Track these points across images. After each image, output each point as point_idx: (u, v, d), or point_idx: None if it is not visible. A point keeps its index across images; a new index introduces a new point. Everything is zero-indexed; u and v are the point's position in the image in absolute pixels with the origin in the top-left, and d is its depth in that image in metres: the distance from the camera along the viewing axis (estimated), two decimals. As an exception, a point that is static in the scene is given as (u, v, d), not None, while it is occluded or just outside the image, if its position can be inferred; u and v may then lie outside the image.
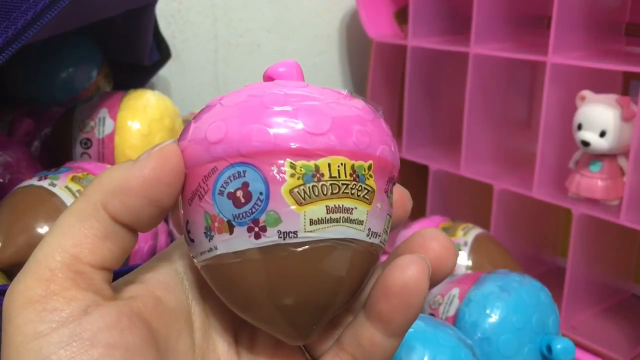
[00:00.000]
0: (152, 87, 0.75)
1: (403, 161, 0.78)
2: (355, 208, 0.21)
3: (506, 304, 0.44)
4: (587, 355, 0.59)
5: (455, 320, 0.45)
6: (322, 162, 0.20)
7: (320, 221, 0.20)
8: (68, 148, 0.49)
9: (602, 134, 0.55)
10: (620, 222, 0.55)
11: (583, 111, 0.56)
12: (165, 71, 0.73)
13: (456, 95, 0.71)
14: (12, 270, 0.38)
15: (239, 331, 0.24)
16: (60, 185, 0.41)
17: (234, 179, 0.20)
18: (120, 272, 0.40)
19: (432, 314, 0.47)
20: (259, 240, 0.20)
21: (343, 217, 0.20)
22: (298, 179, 0.20)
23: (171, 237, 0.50)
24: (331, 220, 0.20)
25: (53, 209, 0.40)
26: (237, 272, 0.21)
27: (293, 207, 0.20)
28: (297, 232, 0.20)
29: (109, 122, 0.48)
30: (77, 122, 0.49)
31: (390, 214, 0.23)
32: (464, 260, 0.57)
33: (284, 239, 0.20)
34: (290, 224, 0.20)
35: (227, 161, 0.20)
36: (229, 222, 0.20)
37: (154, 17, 0.60)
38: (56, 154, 0.50)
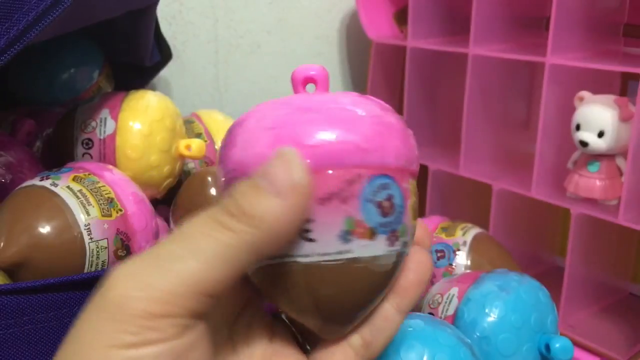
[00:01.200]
0: (153, 88, 0.75)
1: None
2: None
3: (505, 303, 0.44)
4: (585, 354, 0.59)
5: (454, 319, 0.45)
6: (414, 183, 0.24)
7: (414, 235, 0.24)
8: (69, 148, 0.49)
9: (601, 135, 0.55)
10: (619, 222, 0.55)
11: (581, 111, 0.57)
12: (166, 72, 0.73)
13: (455, 95, 0.71)
14: (13, 269, 0.39)
15: (233, 329, 0.25)
16: (62, 185, 0.41)
17: (382, 189, 0.22)
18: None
19: (431, 313, 0.47)
20: (392, 248, 0.22)
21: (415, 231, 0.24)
22: (414, 195, 0.23)
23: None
24: (414, 235, 0.24)
25: (54, 208, 0.40)
26: (350, 274, 0.22)
27: (412, 221, 0.23)
28: (407, 242, 0.23)
29: (110, 123, 0.48)
30: (78, 123, 0.49)
31: None
32: (463, 259, 0.57)
33: (403, 248, 0.23)
34: (408, 235, 0.23)
35: (376, 171, 0.22)
36: (372, 229, 0.22)
37: (154, 18, 0.60)
38: (58, 154, 0.50)
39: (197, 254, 0.19)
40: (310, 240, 0.21)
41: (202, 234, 0.20)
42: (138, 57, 0.63)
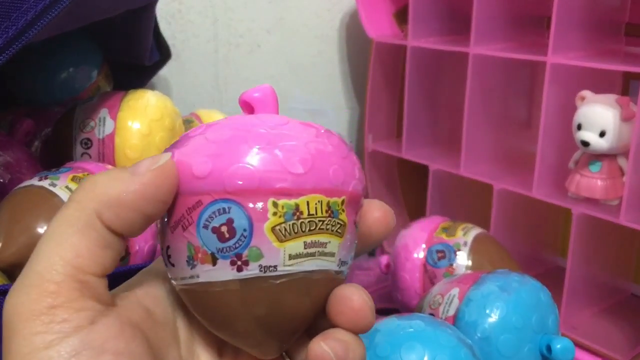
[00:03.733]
0: (153, 87, 0.75)
1: (403, 161, 0.78)
2: (329, 242, 0.22)
3: (506, 304, 0.44)
4: (586, 355, 0.59)
5: (455, 320, 0.45)
6: (301, 201, 0.21)
7: (298, 256, 0.22)
8: (68, 148, 0.49)
9: (602, 134, 0.55)
10: (620, 222, 0.55)
11: (583, 111, 0.57)
12: (165, 71, 0.73)
13: (456, 95, 0.71)
14: (12, 270, 0.38)
15: (223, 345, 0.25)
16: (61, 185, 0.41)
17: (219, 215, 0.21)
18: (121, 273, 0.40)
19: (432, 314, 0.47)
20: (241, 273, 0.21)
21: (318, 251, 0.22)
22: (280, 217, 0.21)
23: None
24: (308, 255, 0.22)
25: (53, 209, 0.40)
26: (216, 299, 0.22)
27: (274, 243, 0.21)
28: (276, 266, 0.21)
29: (109, 122, 0.48)
30: (77, 122, 0.49)
31: (357, 240, 0.24)
32: (463, 260, 0.57)
33: (264, 272, 0.21)
34: (271, 259, 0.21)
35: (212, 196, 0.21)
36: (212, 254, 0.21)
37: (154, 17, 0.60)
38: (56, 154, 0.50)
39: (54, 239, 0.20)
40: (172, 264, 0.23)
41: (55, 217, 0.21)
42: (137, 56, 0.63)
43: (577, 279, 0.61)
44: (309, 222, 0.22)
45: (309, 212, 0.22)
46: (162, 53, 0.67)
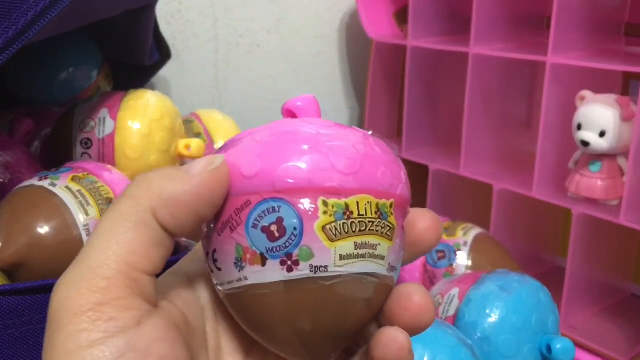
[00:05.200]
0: (153, 87, 0.75)
1: (403, 161, 0.78)
2: (379, 244, 0.22)
3: (506, 304, 0.44)
4: (586, 355, 0.59)
5: (455, 320, 0.45)
6: (351, 201, 0.21)
7: (348, 257, 0.21)
8: (68, 148, 0.49)
9: (602, 134, 0.55)
10: (620, 222, 0.55)
11: (583, 111, 0.57)
12: (165, 71, 0.73)
13: (456, 95, 0.71)
14: (12, 270, 0.38)
15: (250, 352, 0.24)
16: (61, 185, 0.41)
17: (269, 214, 0.21)
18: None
19: (432, 314, 0.47)
20: (291, 274, 0.21)
21: (369, 252, 0.21)
22: (330, 216, 0.21)
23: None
24: (358, 256, 0.21)
25: (53, 208, 0.40)
26: (264, 302, 0.21)
27: (325, 243, 0.21)
28: (327, 266, 0.21)
29: (109, 122, 0.48)
30: (77, 122, 0.49)
31: (404, 247, 0.24)
32: (463, 260, 0.57)
33: (315, 273, 0.21)
34: (322, 258, 0.21)
35: (261, 195, 0.21)
36: (262, 254, 0.21)
37: (154, 17, 0.60)
38: (56, 154, 0.50)
39: (107, 234, 0.20)
40: (218, 269, 0.22)
41: (108, 213, 0.21)
42: (137, 56, 0.63)
43: (577, 279, 0.61)
44: (359, 222, 0.21)
45: (358, 212, 0.21)
46: (162, 53, 0.67)
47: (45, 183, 0.41)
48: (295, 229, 0.21)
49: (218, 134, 0.60)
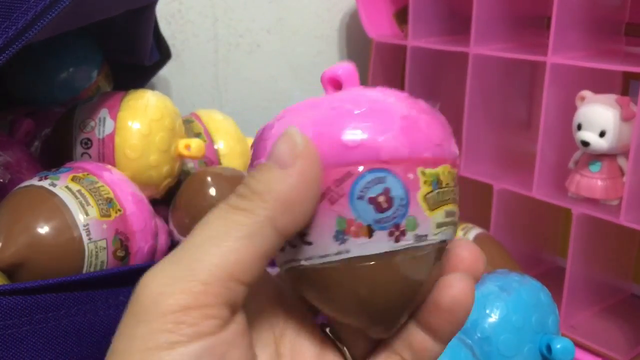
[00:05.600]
0: (153, 87, 0.75)
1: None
2: (456, 212, 0.23)
3: (506, 304, 0.44)
4: (586, 355, 0.59)
5: (455, 320, 0.45)
6: (440, 170, 0.22)
7: (441, 225, 0.22)
8: (68, 148, 0.49)
9: (602, 134, 0.55)
10: (620, 222, 0.55)
11: (583, 111, 0.57)
12: (165, 71, 0.73)
13: (456, 95, 0.71)
14: (12, 270, 0.38)
15: (280, 342, 0.24)
16: (61, 185, 0.41)
17: (375, 184, 0.21)
18: (120, 273, 0.40)
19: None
20: (399, 244, 0.21)
21: (453, 220, 0.23)
22: (429, 185, 0.21)
23: (171, 237, 0.50)
24: (447, 224, 0.22)
25: (53, 208, 0.40)
26: (366, 274, 0.21)
27: (426, 212, 0.21)
28: (427, 235, 0.22)
29: (109, 122, 0.48)
30: (77, 122, 0.49)
31: None
32: (463, 260, 0.57)
33: (418, 242, 0.21)
34: (424, 228, 0.21)
35: (365, 166, 0.21)
36: (369, 226, 0.21)
37: (154, 17, 0.60)
38: (56, 154, 0.50)
39: (216, 240, 0.20)
40: (308, 243, 0.21)
41: (219, 219, 0.20)
42: (137, 56, 0.63)
43: (577, 279, 0.61)
44: (446, 191, 0.22)
45: (446, 181, 0.22)
46: (162, 53, 0.67)
47: (45, 183, 0.41)
48: (402, 199, 0.21)
49: (218, 134, 0.60)
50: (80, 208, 0.41)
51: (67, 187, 0.41)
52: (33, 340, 0.35)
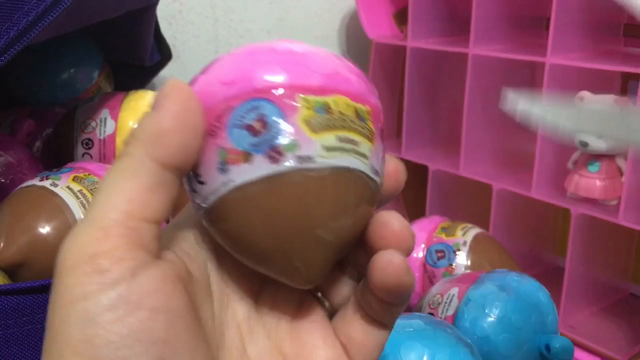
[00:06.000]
0: (153, 88, 0.75)
1: (402, 161, 0.78)
2: (361, 142, 0.22)
3: (505, 304, 0.44)
4: (585, 355, 0.59)
5: (455, 319, 0.45)
6: (330, 99, 0.22)
7: (333, 149, 0.21)
8: (69, 148, 0.49)
9: (601, 135, 0.55)
10: (619, 222, 0.55)
11: (581, 112, 0.57)
12: (166, 72, 0.73)
13: (455, 95, 0.71)
14: (13, 270, 0.39)
15: (260, 295, 0.24)
16: (62, 186, 0.41)
17: (251, 112, 0.21)
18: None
19: (431, 314, 0.47)
20: (278, 165, 0.21)
21: (352, 148, 0.22)
22: (311, 110, 0.21)
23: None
24: (342, 149, 0.22)
25: (54, 209, 0.40)
26: (251, 204, 0.21)
27: (308, 134, 0.21)
28: (312, 157, 0.21)
29: (110, 123, 0.48)
30: (78, 123, 0.49)
31: (384, 151, 0.24)
32: (463, 260, 0.57)
33: (300, 163, 0.21)
34: (307, 149, 0.21)
35: (242, 98, 0.21)
36: (246, 151, 0.21)
37: (154, 18, 0.60)
38: (58, 154, 0.50)
39: (107, 188, 0.20)
40: (202, 182, 0.22)
41: (108, 172, 0.21)
42: (138, 57, 0.63)
43: (576, 279, 0.61)
44: (339, 118, 0.22)
45: (339, 110, 0.22)
46: (163, 54, 0.68)
47: (46, 183, 0.41)
48: (277, 122, 0.21)
49: (218, 134, 0.60)
50: (82, 208, 0.41)
51: (68, 187, 0.41)
52: (34, 340, 0.35)
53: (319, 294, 0.25)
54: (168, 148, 0.20)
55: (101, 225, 0.19)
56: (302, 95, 0.21)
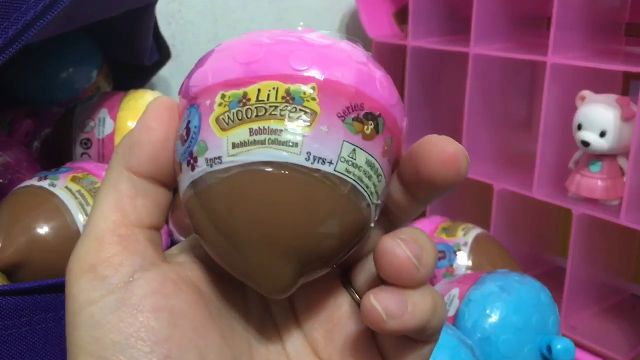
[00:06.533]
0: (152, 88, 0.75)
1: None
2: (285, 129, 0.19)
3: (506, 304, 0.44)
4: (587, 355, 0.59)
5: (455, 320, 0.45)
6: (251, 89, 0.20)
7: (242, 144, 0.20)
8: (68, 148, 0.49)
9: (602, 134, 0.55)
10: (620, 222, 0.55)
11: (583, 111, 0.56)
12: (165, 71, 0.73)
13: (456, 95, 0.71)
14: (11, 270, 0.38)
15: (294, 294, 0.24)
16: (60, 186, 0.41)
17: (183, 121, 0.21)
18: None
19: (432, 314, 0.47)
20: (194, 172, 0.20)
21: (269, 138, 0.19)
22: (224, 107, 0.20)
23: (171, 237, 0.50)
24: (255, 142, 0.19)
25: (53, 209, 0.40)
26: (189, 213, 0.21)
27: (217, 133, 0.20)
28: (221, 157, 0.20)
29: (109, 123, 0.48)
30: (77, 123, 0.49)
31: (363, 146, 0.20)
32: (463, 260, 0.57)
33: (211, 167, 0.20)
34: (215, 150, 0.20)
35: (183, 108, 0.22)
36: (179, 161, 0.21)
37: (153, 17, 0.60)
38: (56, 154, 0.50)
39: (96, 203, 0.22)
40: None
41: (99, 188, 0.22)
42: (137, 56, 0.63)
43: (578, 279, 0.61)
44: (256, 107, 0.20)
45: (258, 98, 0.20)
46: (162, 53, 0.67)
47: (44, 183, 0.41)
48: (195, 127, 0.20)
49: (218, 134, 0.60)
50: (80, 208, 0.41)
51: (66, 187, 0.41)
52: (32, 341, 0.35)
53: (353, 291, 0.24)
54: (139, 158, 0.21)
55: (96, 235, 0.21)
56: (222, 92, 0.20)
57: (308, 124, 0.20)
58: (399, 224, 0.24)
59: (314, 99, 0.20)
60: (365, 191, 0.21)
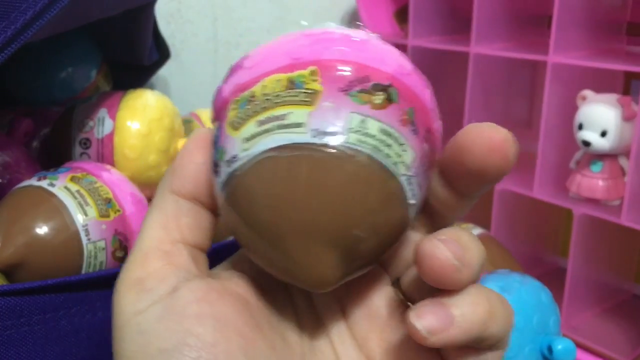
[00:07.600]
0: (152, 87, 0.74)
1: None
2: (288, 113, 0.20)
3: (507, 305, 0.44)
4: (588, 356, 0.59)
5: (456, 320, 0.45)
6: (257, 87, 0.21)
7: (252, 137, 0.20)
8: (67, 148, 0.49)
9: (603, 134, 0.55)
10: (621, 222, 0.55)
11: (584, 111, 0.56)
12: (164, 71, 0.73)
13: (456, 94, 0.71)
14: (11, 270, 0.38)
15: (345, 300, 0.24)
16: (59, 185, 0.41)
17: (214, 134, 0.23)
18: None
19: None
20: (219, 178, 0.21)
21: (275, 125, 0.20)
22: (235, 110, 0.21)
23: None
24: (263, 132, 0.20)
25: (52, 209, 0.40)
26: (225, 219, 0.22)
27: (231, 135, 0.21)
28: (236, 155, 0.21)
29: (108, 122, 0.48)
30: (76, 122, 0.49)
31: (374, 115, 0.20)
32: (464, 260, 0.56)
33: (229, 167, 0.21)
34: (231, 150, 0.21)
35: (216, 121, 0.23)
36: (213, 177, 0.22)
37: (153, 16, 0.60)
38: (55, 154, 0.50)
39: (144, 222, 0.23)
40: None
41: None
42: (136, 56, 0.62)
43: (578, 280, 0.61)
44: (261, 101, 0.20)
45: (263, 93, 0.21)
46: (161, 53, 0.67)
47: (43, 183, 0.41)
48: (217, 137, 0.22)
49: (218, 133, 0.60)
50: (79, 208, 0.40)
51: (65, 187, 0.41)
52: (31, 341, 0.35)
53: (402, 295, 0.23)
54: (180, 179, 0.23)
55: (141, 252, 0.22)
56: (233, 99, 0.22)
57: (310, 103, 0.20)
58: (445, 224, 0.24)
59: (315, 80, 0.20)
60: (385, 160, 0.20)
